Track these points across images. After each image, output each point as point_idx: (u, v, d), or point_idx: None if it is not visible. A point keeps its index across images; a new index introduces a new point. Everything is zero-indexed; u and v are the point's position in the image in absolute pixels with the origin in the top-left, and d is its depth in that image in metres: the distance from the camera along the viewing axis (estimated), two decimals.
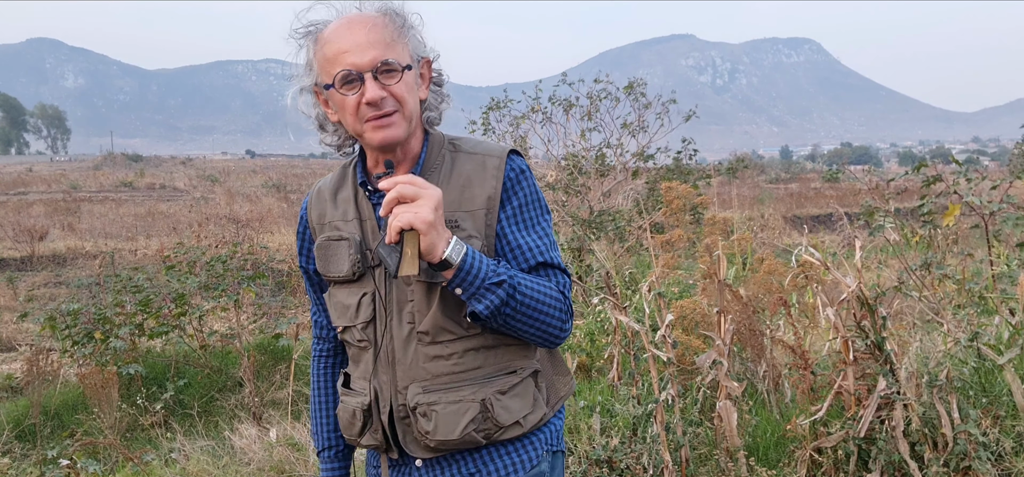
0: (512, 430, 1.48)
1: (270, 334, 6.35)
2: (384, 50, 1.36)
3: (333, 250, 1.50)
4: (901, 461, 2.84)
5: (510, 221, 1.46)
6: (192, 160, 77.67)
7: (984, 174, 4.92)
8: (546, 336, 1.44)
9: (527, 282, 1.40)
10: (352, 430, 1.55)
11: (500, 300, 1.36)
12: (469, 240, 1.42)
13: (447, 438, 1.43)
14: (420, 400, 1.45)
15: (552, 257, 1.48)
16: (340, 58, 1.36)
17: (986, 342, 3.41)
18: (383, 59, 1.36)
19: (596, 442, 3.42)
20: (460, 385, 1.45)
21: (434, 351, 1.44)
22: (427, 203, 1.29)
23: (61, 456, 4.13)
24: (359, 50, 1.35)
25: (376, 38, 1.36)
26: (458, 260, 1.32)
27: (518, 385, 1.49)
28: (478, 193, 1.44)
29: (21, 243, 16.63)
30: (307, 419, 4.56)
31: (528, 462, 1.52)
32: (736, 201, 15.80)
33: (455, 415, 1.43)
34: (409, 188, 1.30)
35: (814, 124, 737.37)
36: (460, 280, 1.34)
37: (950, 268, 5.05)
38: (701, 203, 3.59)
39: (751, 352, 3.80)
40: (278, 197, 29.17)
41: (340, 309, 1.52)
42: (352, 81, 1.37)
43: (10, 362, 7.61)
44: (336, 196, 1.55)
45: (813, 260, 3.51)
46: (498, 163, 1.46)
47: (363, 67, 1.36)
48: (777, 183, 34.14)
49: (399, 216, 1.29)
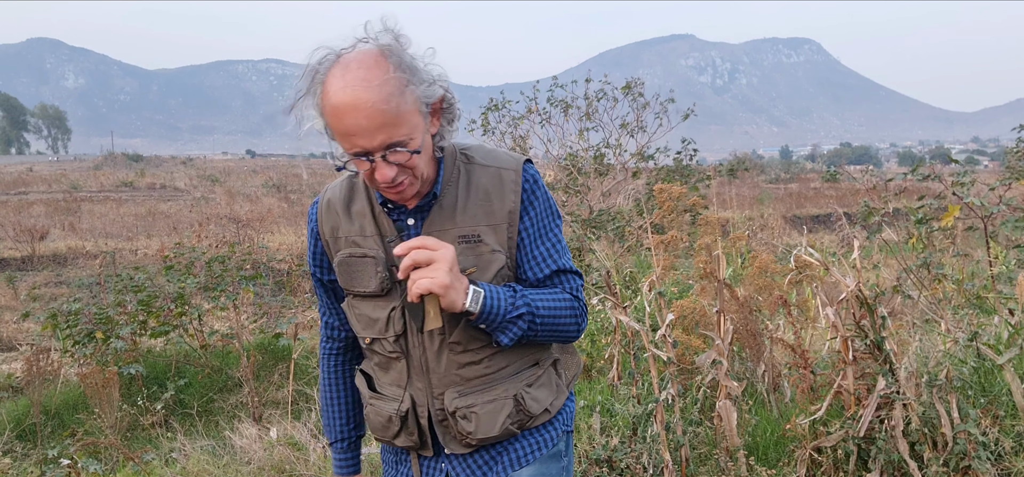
0: (541, 417, 1.59)
1: (270, 334, 6.35)
2: (393, 130, 1.33)
3: (357, 267, 1.52)
4: (901, 461, 2.84)
5: (528, 232, 1.53)
6: (192, 160, 77.69)
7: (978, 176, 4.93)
8: (563, 339, 1.57)
9: (544, 302, 1.50)
10: (387, 433, 1.60)
11: (522, 330, 1.47)
12: (492, 255, 1.48)
13: (488, 435, 1.52)
14: (458, 404, 1.52)
15: (565, 263, 1.57)
16: (350, 138, 1.34)
17: (985, 342, 3.42)
18: (391, 142, 1.33)
19: (596, 442, 3.42)
20: (493, 385, 1.54)
21: (466, 358, 1.52)
22: (441, 266, 1.36)
23: (62, 456, 4.13)
24: (367, 135, 1.32)
25: (384, 119, 1.31)
26: (477, 308, 1.41)
27: (542, 376, 1.59)
28: (498, 207, 1.49)
29: (21, 243, 16.64)
30: (307, 418, 4.57)
31: (547, 443, 1.63)
32: (736, 201, 15.80)
33: (493, 413, 1.52)
34: (422, 254, 1.36)
35: (814, 124, 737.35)
36: (483, 320, 1.44)
37: (949, 268, 5.06)
38: (696, 204, 3.58)
39: (750, 352, 3.80)
40: (278, 197, 29.19)
41: (367, 322, 1.56)
42: (363, 159, 1.36)
43: (10, 362, 7.62)
44: (349, 209, 1.55)
45: (812, 260, 3.51)
46: (515, 176, 1.51)
47: (373, 149, 1.34)
48: (777, 183, 34.15)
49: (417, 283, 1.36)
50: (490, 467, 1.59)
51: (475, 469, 1.59)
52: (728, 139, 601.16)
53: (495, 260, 1.49)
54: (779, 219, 16.22)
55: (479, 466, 1.59)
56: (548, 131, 11.18)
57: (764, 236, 11.86)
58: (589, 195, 10.23)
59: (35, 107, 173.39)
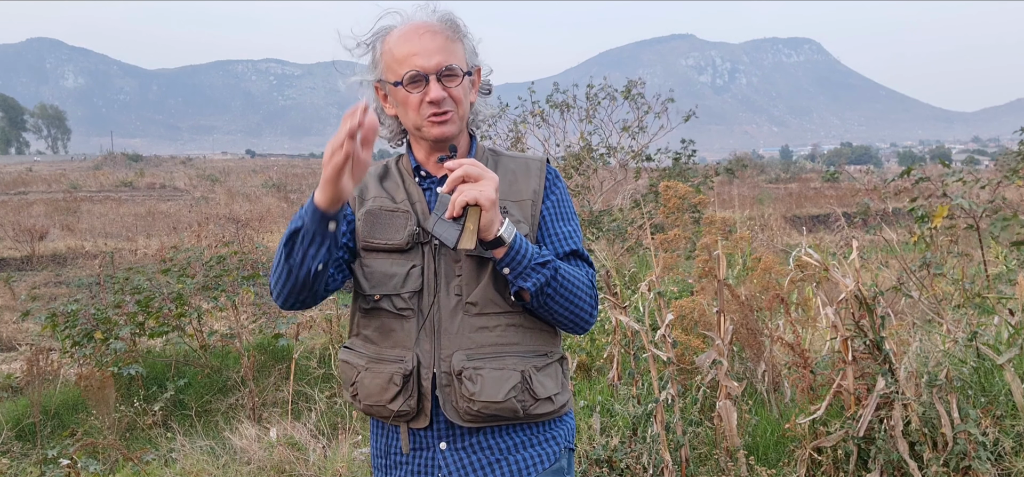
0: (545, 405, 1.59)
1: (270, 334, 6.35)
2: (447, 56, 1.53)
3: (386, 219, 1.59)
4: (900, 460, 2.84)
5: (550, 212, 1.63)
6: (192, 160, 77.67)
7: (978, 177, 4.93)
8: (577, 320, 1.59)
9: (566, 267, 1.55)
10: (384, 395, 1.57)
11: (545, 279, 1.50)
12: (517, 225, 1.56)
13: (492, 399, 1.52)
14: (466, 365, 1.53)
15: (583, 250, 1.65)
16: (409, 59, 1.52)
17: (985, 342, 3.41)
18: (447, 64, 1.53)
19: (596, 442, 3.42)
20: (503, 355, 1.55)
21: (480, 322, 1.55)
22: (491, 183, 1.44)
23: (61, 456, 4.13)
24: (426, 54, 1.52)
25: (441, 45, 1.53)
26: (510, 239, 1.47)
27: (549, 366, 1.62)
28: (524, 187, 1.62)
29: (21, 243, 16.62)
30: (307, 419, 4.56)
31: (550, 457, 1.62)
32: (736, 201, 15.80)
33: (499, 380, 1.53)
34: (474, 169, 1.45)
35: (814, 124, 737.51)
36: (510, 259, 1.48)
37: (948, 268, 5.06)
38: (700, 203, 3.58)
39: (751, 352, 3.80)
40: (278, 197, 29.18)
41: (381, 277, 1.58)
42: (418, 81, 1.53)
43: (10, 362, 7.61)
44: (381, 182, 1.66)
45: (811, 260, 3.51)
46: (540, 166, 1.66)
47: (429, 69, 1.52)
48: (777, 183, 34.14)
49: (464, 192, 1.43)
50: (488, 474, 1.57)
51: (471, 474, 1.57)
52: (728, 139, 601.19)
53: (520, 230, 1.56)
54: (779, 219, 16.21)
55: (476, 470, 1.57)
56: (546, 132, 11.18)
57: (764, 236, 11.85)
58: (588, 195, 10.23)
59: (35, 107, 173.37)
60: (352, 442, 3.95)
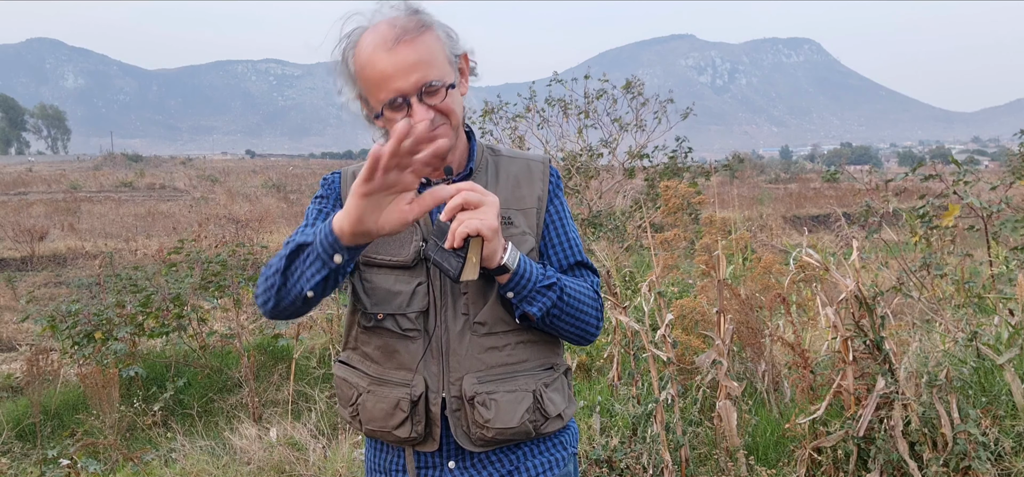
0: (555, 422, 1.53)
1: (270, 334, 6.35)
2: (427, 70, 1.36)
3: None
4: (900, 460, 2.84)
5: (553, 220, 1.55)
6: (192, 160, 77.64)
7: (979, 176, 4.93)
8: (583, 334, 1.51)
9: (571, 283, 1.47)
10: (390, 421, 1.48)
11: (551, 302, 1.42)
12: (522, 237, 1.48)
13: (507, 426, 1.45)
14: (478, 390, 1.45)
15: (585, 259, 1.57)
16: (385, 84, 1.36)
17: (985, 342, 3.41)
18: (427, 82, 1.36)
19: (596, 442, 3.42)
20: (514, 376, 1.48)
21: (489, 342, 1.47)
22: (492, 208, 1.31)
23: (61, 456, 4.13)
24: (403, 73, 1.35)
25: (417, 57, 1.35)
26: (514, 266, 1.37)
27: (556, 380, 1.55)
28: (527, 193, 1.52)
29: (21, 243, 16.63)
30: (307, 419, 4.56)
31: (557, 463, 1.57)
32: (736, 201, 15.81)
33: (513, 404, 1.46)
34: (474, 195, 1.31)
35: (814, 124, 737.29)
36: (514, 284, 1.39)
37: (949, 268, 5.06)
38: (700, 202, 3.59)
39: (751, 352, 3.80)
40: (278, 197, 29.19)
41: (384, 294, 1.47)
42: (399, 107, 1.37)
43: (10, 362, 7.61)
44: None
45: (812, 261, 3.51)
46: (543, 168, 1.56)
47: (408, 91, 1.36)
48: (777, 183, 34.16)
49: (465, 223, 1.29)
50: None
51: None
52: (728, 139, 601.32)
53: (525, 242, 1.48)
54: (779, 219, 16.22)
55: None
56: (546, 132, 11.18)
57: (764, 236, 11.86)
58: (587, 194, 10.23)
59: (34, 107, 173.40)
60: (352, 442, 3.95)
